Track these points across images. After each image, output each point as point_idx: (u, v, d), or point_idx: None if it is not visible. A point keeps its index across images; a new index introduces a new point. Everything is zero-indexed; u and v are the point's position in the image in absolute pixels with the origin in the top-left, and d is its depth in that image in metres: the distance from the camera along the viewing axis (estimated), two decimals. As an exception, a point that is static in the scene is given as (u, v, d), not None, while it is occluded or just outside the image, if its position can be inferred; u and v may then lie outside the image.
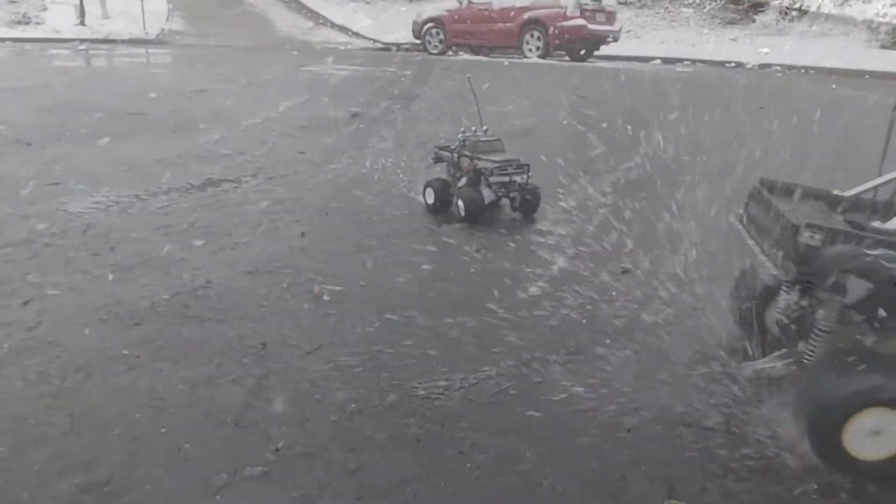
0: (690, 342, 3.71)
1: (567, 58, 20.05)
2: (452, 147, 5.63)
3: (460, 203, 5.40)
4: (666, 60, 20.85)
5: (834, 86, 15.53)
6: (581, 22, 19.19)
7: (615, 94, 12.45)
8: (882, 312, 1.98)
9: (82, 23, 23.79)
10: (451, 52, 21.06)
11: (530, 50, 19.51)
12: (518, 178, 5.36)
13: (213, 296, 4.03)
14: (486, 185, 5.37)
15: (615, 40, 20.76)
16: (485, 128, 5.62)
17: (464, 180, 5.46)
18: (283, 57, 17.71)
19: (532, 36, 19.43)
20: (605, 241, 5.23)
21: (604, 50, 20.93)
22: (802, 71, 19.19)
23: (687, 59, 21.10)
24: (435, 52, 20.93)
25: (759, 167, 7.88)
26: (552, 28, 19.09)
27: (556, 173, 6.95)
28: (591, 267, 4.74)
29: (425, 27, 21.26)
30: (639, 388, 3.28)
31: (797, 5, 25.44)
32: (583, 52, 20.21)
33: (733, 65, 20.11)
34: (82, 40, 20.90)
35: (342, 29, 28.38)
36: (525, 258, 4.82)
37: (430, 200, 5.62)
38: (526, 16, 19.41)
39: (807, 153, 8.81)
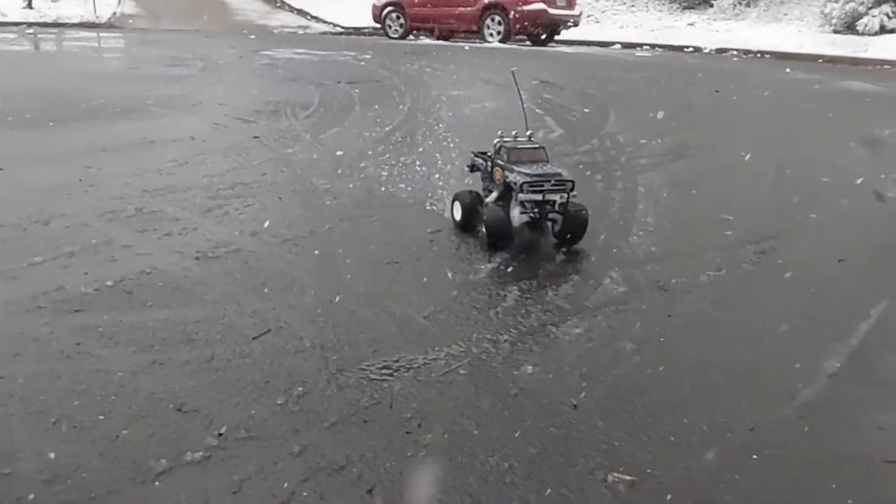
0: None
1: (528, 42, 20.06)
2: (488, 154, 4.80)
3: (483, 225, 4.55)
4: (626, 45, 21.00)
5: (788, 70, 15.83)
6: (542, 6, 19.20)
7: (574, 79, 12.49)
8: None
9: (29, 6, 23.02)
10: (411, 37, 20.90)
11: (491, 34, 19.49)
12: (555, 197, 4.31)
13: (158, 282, 3.93)
14: (518, 204, 4.41)
15: (575, 25, 20.83)
16: (529, 132, 4.78)
17: (493, 195, 4.65)
18: (240, 41, 17.36)
19: (493, 20, 19.40)
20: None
21: (564, 34, 21.00)
22: (758, 55, 19.51)
23: (646, 44, 21.28)
24: (395, 36, 20.77)
25: (712, 149, 8.02)
26: (513, 12, 19.07)
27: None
28: (547, 244, 4.76)
29: (385, 11, 21.05)
30: (586, 367, 3.31)
31: (753, -9, 25.84)
32: (543, 36, 20.24)
33: (691, 49, 20.35)
34: (30, 24, 20.21)
35: (301, 13, 27.96)
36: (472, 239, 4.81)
37: (458, 216, 4.73)
38: (486, 0, 19.34)
39: (755, 134, 8.95)
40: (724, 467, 2.62)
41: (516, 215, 4.47)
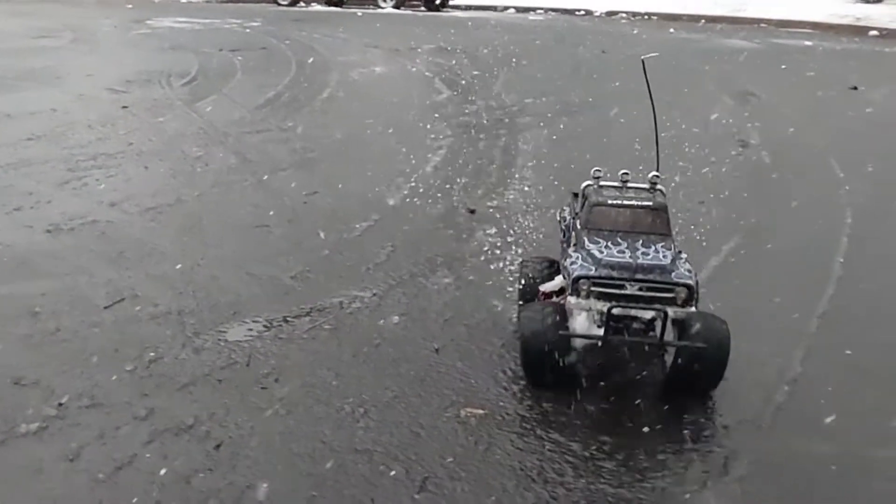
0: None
1: (423, 7, 19.88)
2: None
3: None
4: (520, 9, 21.16)
5: (672, 30, 16.42)
6: (434, -30, 19.03)
7: (466, 43, 12.50)
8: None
9: None
10: (302, 3, 20.28)
11: (384, 0, 19.16)
12: (645, 314, 2.61)
13: (3, 257, 3.69)
14: (579, 311, 2.67)
15: (470, -11, 20.76)
16: (654, 174, 2.95)
17: (552, 283, 2.99)
18: (116, 11, 16.32)
19: (386, -15, 19.05)
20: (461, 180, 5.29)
21: None
22: (646, 17, 20.12)
23: (540, 8, 21.53)
24: (285, 3, 20.06)
25: (594, 106, 8.24)
26: (406, -23, 18.81)
27: (412, 117, 6.95)
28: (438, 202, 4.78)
29: (274, -22, 20.26)
30: (451, 313, 3.36)
31: (641, -46, 26.48)
32: (438, 1, 20.09)
33: (583, 12, 20.74)
34: None
35: (187, -18, 26.54)
36: (362, 195, 4.78)
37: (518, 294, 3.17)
38: (378, -35, 18.98)
39: (636, 91, 9.19)
40: (571, 393, 2.73)
41: (578, 328, 2.65)
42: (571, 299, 2.64)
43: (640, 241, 2.69)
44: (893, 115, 7.96)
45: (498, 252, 4.04)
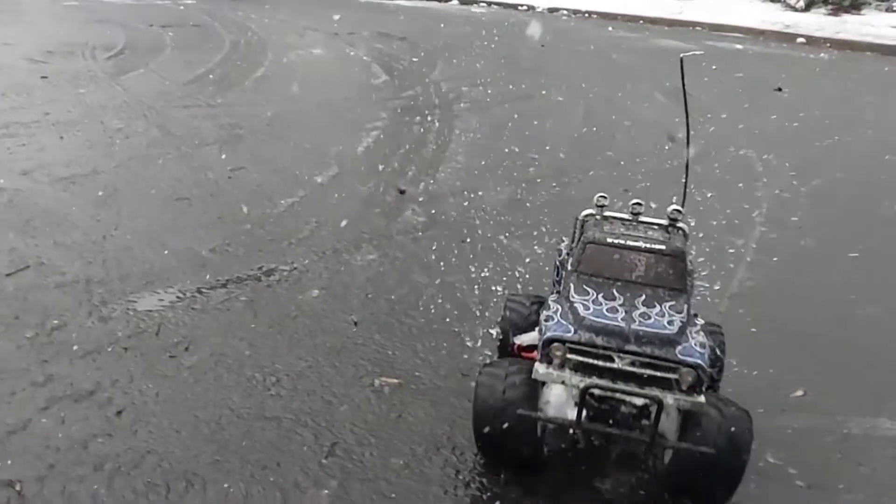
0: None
1: (366, -4, 19.67)
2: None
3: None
4: (463, 2, 21.21)
5: (610, 28, 16.76)
6: (378, -41, 18.84)
7: (408, 31, 12.44)
8: None
9: None
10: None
11: (328, -14, 18.86)
12: (635, 399, 2.01)
13: None
14: (547, 384, 2.11)
15: (414, -20, 20.66)
16: (673, 207, 2.45)
17: (526, 337, 2.44)
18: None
19: (329, -29, 18.75)
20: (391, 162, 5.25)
21: (403, -11, 20.79)
22: (586, 15, 20.47)
23: (483, 1, 21.64)
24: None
25: (530, 96, 8.33)
26: (349, -37, 18.55)
27: (347, 100, 6.86)
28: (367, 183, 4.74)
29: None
30: (373, 288, 3.35)
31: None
32: (382, -10, 19.92)
33: (525, 7, 20.96)
34: None
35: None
36: (290, 172, 4.69)
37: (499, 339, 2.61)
38: (321, -51, 18.68)
39: (572, 84, 9.33)
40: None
41: (551, 405, 2.09)
42: (540, 367, 2.03)
43: (643, 297, 2.09)
44: (813, 116, 8.32)
45: (427, 231, 4.04)
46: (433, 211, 4.36)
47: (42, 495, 1.97)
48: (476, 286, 3.38)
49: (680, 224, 2.35)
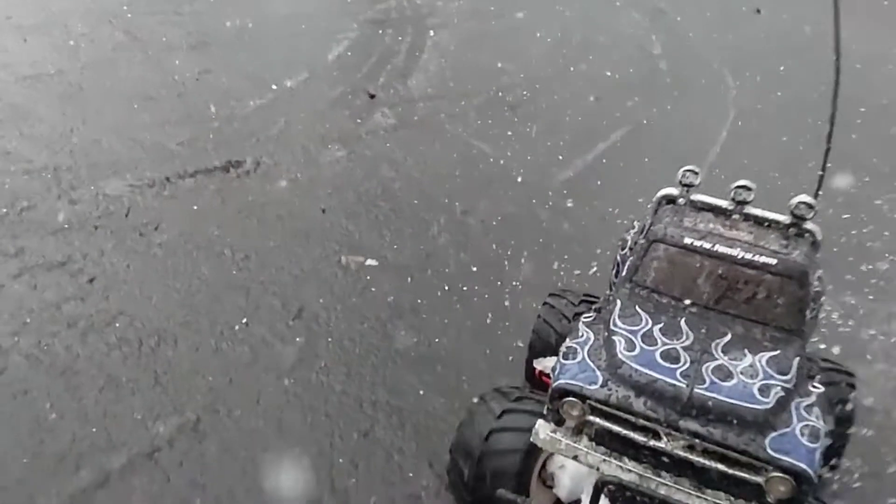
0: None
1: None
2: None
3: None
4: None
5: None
6: None
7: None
8: None
9: None
10: None
11: None
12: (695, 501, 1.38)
13: None
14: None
15: None
16: (799, 197, 1.64)
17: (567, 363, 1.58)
18: None
19: None
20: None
21: None
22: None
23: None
24: None
25: (506, 12, 8.20)
26: None
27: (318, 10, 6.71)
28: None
29: None
30: (341, 181, 3.40)
31: None
32: None
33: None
34: None
35: None
36: (259, 76, 4.65)
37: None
38: None
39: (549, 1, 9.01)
40: (450, 243, 2.85)
41: (563, 484, 1.57)
42: (544, 427, 1.40)
43: (726, 339, 1.40)
44: (788, 36, 8.32)
45: (396, 132, 4.07)
46: (402, 112, 4.37)
47: (18, 347, 2.05)
48: (446, 183, 3.44)
49: (809, 226, 1.56)
